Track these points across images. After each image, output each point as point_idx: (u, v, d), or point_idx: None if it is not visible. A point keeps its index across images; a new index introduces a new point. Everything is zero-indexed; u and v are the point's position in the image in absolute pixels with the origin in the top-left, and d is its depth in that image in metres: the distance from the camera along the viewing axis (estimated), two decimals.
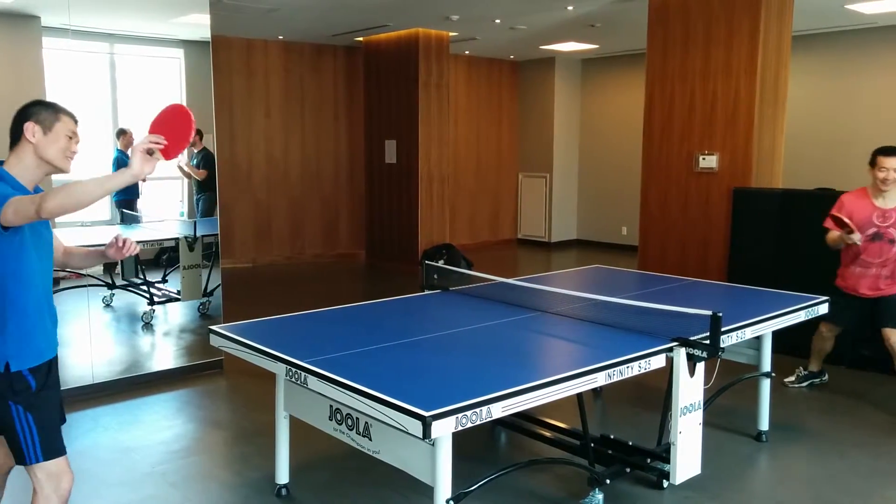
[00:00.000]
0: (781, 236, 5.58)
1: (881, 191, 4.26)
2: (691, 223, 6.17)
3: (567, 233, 11.61)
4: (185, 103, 5.95)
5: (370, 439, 2.65)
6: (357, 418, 2.68)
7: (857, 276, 4.38)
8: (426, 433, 2.17)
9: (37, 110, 2.36)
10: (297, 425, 3.16)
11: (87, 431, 4.02)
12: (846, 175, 8.17)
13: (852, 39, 8.40)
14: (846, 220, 4.17)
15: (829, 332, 4.62)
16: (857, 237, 4.20)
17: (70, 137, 2.39)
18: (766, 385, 3.92)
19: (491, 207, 11.54)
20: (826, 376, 4.83)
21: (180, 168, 5.85)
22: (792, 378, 4.79)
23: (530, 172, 11.60)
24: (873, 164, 4.25)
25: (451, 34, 8.91)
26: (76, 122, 2.43)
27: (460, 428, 2.23)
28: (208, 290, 5.63)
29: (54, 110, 2.38)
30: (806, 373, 4.80)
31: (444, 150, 9.16)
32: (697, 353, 3.00)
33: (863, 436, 3.97)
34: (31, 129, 2.33)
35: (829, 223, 4.37)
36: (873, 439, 3.92)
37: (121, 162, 7.88)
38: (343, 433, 2.77)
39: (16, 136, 2.36)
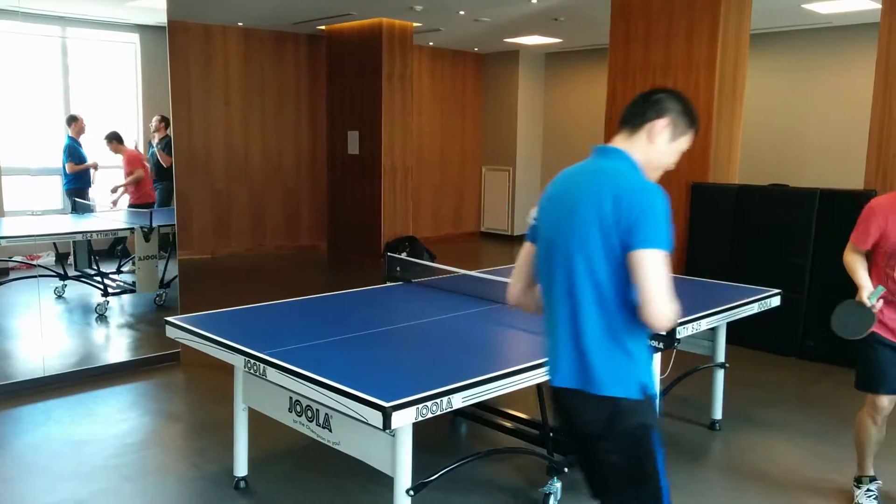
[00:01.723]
0: (737, 231, 5.69)
1: None
2: None
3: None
4: (140, 90, 5.83)
5: (330, 430, 2.63)
6: (317, 410, 2.66)
7: None
8: (386, 424, 2.16)
9: (679, 109, 1.95)
10: (255, 417, 3.12)
11: (38, 425, 3.92)
12: (800, 171, 8.40)
13: (808, 38, 8.60)
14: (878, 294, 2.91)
15: (881, 413, 3.03)
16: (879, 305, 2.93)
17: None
18: (720, 375, 4.01)
19: (454, 200, 11.55)
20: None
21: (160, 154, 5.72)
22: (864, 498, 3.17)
23: (494, 166, 11.63)
24: None
25: (414, 25, 8.87)
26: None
27: (420, 418, 2.23)
28: (165, 282, 5.53)
29: (691, 121, 1.98)
30: (869, 487, 3.16)
31: (408, 141, 9.13)
32: (654, 343, 3.05)
33: (811, 424, 4.08)
34: (661, 128, 1.92)
35: (856, 238, 3.04)
36: (821, 427, 4.04)
37: (71, 149, 7.68)
38: (303, 425, 2.75)
39: (641, 121, 1.94)
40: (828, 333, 4.26)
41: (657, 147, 1.94)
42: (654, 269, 1.75)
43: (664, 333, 3.01)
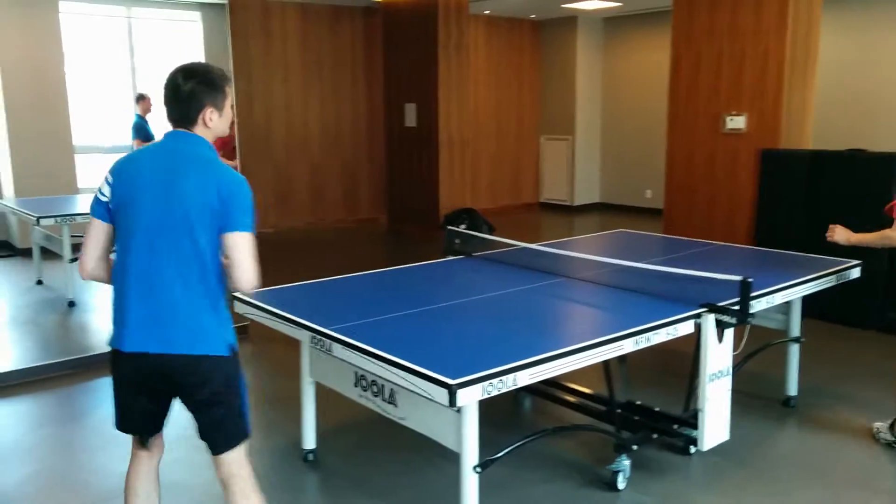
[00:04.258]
0: (810, 199, 5.45)
1: None
2: (718, 185, 6.05)
3: (590, 196, 11.48)
4: None
5: (396, 406, 2.64)
6: (382, 385, 2.67)
7: None
8: (452, 401, 2.15)
9: (211, 92, 2.18)
10: (323, 390, 3.17)
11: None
12: (877, 135, 7.97)
13: None
14: None
15: None
16: None
17: None
18: (794, 350, 3.87)
19: (511, 171, 11.43)
20: None
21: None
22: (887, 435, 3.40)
23: (552, 135, 11.44)
24: None
25: None
26: None
27: (486, 396, 2.21)
28: None
29: (223, 85, 2.24)
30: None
31: (464, 113, 9.04)
32: (726, 319, 2.95)
33: (890, 401, 3.90)
34: (210, 115, 2.19)
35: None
36: None
37: (139, 127, 7.88)
38: (368, 400, 2.77)
39: (193, 119, 2.19)
40: None
41: (215, 127, 2.22)
42: (247, 247, 2.15)
43: (738, 309, 2.92)
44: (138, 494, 2.32)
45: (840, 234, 3.51)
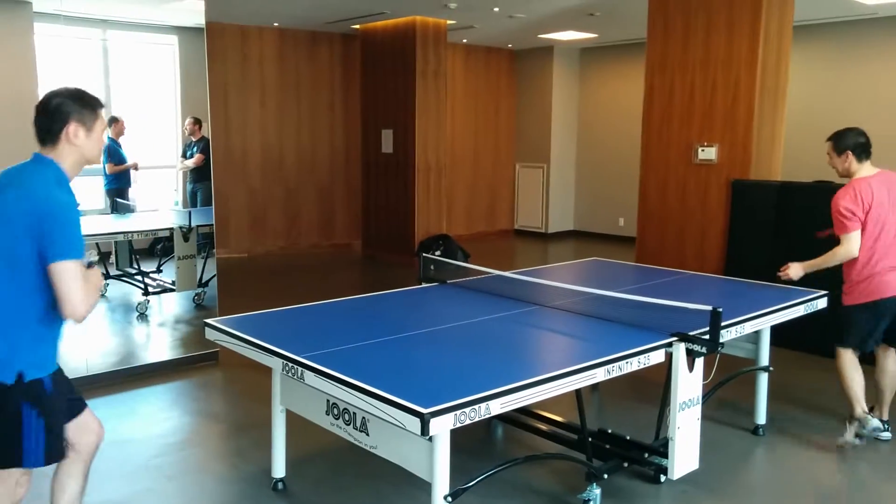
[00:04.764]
0: (779, 229, 5.56)
1: None
2: (689, 215, 6.14)
3: (564, 224, 11.59)
4: (179, 91, 5.90)
5: (367, 434, 2.62)
6: (354, 413, 2.66)
7: (888, 274, 3.78)
8: (424, 430, 2.15)
9: (76, 106, 2.27)
10: (293, 418, 3.14)
11: None
12: None
13: (853, 30, 8.36)
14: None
15: (856, 363, 3.84)
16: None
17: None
18: (763, 379, 3.92)
19: (488, 198, 11.50)
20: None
21: (184, 166, 5.80)
22: (850, 437, 3.72)
23: (528, 163, 11.56)
24: None
25: (448, 22, 8.83)
26: None
27: (459, 425, 2.21)
28: (203, 281, 5.60)
29: (91, 106, 2.34)
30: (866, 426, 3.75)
31: (441, 139, 9.11)
32: (697, 348, 2.98)
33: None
34: (74, 131, 2.24)
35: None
36: None
37: (112, 150, 7.81)
38: (340, 428, 2.75)
39: (55, 136, 2.24)
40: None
41: (83, 146, 2.25)
42: (68, 277, 2.09)
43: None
44: None
45: (794, 269, 3.89)
